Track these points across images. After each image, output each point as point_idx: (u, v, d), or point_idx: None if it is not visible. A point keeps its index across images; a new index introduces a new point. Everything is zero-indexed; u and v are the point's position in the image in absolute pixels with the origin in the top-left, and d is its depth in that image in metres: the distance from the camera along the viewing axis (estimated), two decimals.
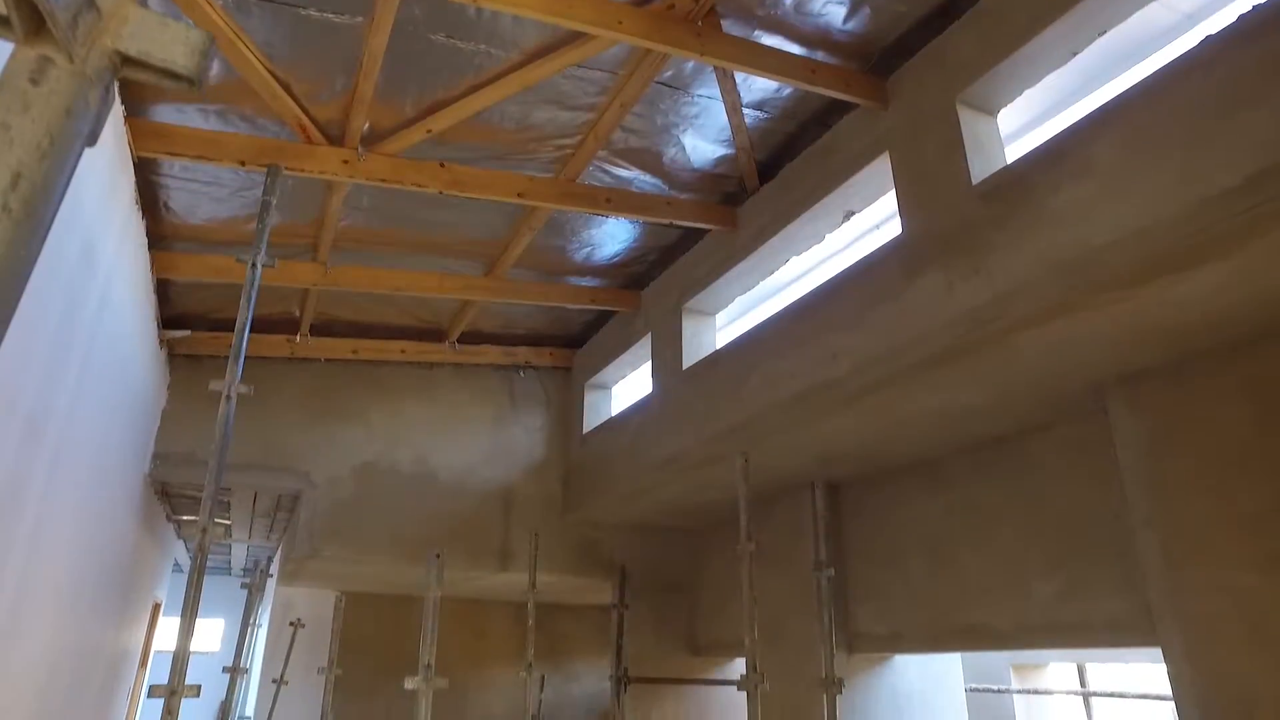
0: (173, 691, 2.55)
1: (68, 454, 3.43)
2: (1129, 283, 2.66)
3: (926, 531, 4.58)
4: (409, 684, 2.65)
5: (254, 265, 3.00)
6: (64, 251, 2.83)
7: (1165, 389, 3.27)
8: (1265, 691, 2.80)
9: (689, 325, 5.07)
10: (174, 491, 6.50)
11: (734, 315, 5.62)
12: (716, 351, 4.65)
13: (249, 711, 11.26)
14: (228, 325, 5.50)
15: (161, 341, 5.36)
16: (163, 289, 5.05)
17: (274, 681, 7.73)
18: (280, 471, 5.78)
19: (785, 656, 4.85)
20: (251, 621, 7.68)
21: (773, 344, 4.11)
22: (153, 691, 2.53)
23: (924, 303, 3.24)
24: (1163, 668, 3.24)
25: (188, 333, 5.45)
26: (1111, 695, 6.44)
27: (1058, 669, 7.45)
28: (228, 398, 2.86)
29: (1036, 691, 6.74)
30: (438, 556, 2.81)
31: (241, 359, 2.94)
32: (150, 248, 4.48)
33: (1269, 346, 2.99)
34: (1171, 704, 3.27)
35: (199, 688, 2.64)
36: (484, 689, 9.04)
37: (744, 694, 3.46)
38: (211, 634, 14.60)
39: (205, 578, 2.68)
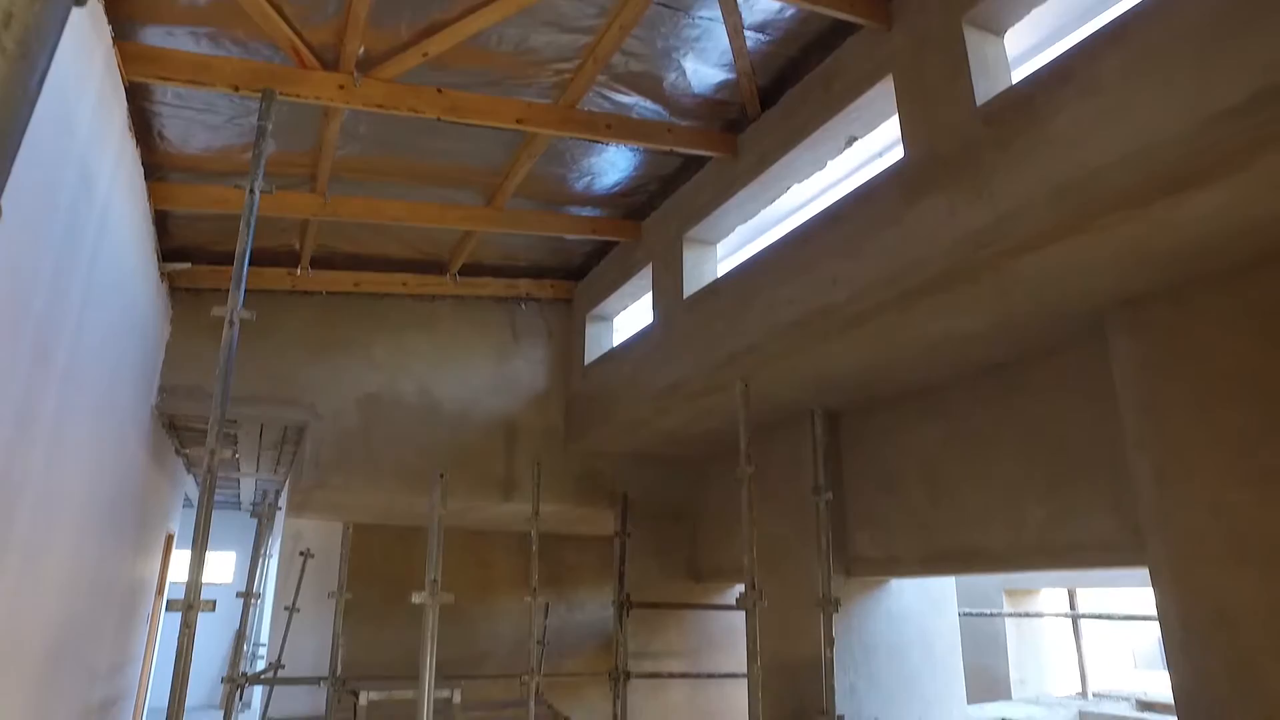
0: (189, 606, 2.64)
1: (77, 379, 3.47)
2: (1131, 203, 2.64)
3: (924, 458, 4.65)
4: (416, 599, 2.74)
5: (252, 190, 2.99)
6: (61, 176, 2.81)
7: (1165, 313, 3.28)
8: (1246, 604, 2.88)
9: (690, 255, 5.06)
10: (181, 424, 6.59)
11: (735, 246, 5.60)
12: (717, 280, 4.65)
13: (264, 639, 11.62)
14: (228, 259, 5.49)
15: (162, 275, 5.36)
16: (161, 222, 5.03)
17: (286, 609, 7.95)
18: (285, 404, 5.85)
19: (784, 581, 4.97)
20: (262, 551, 7.86)
21: (773, 272, 4.11)
22: (170, 605, 2.61)
23: (925, 227, 3.23)
24: (1148, 592, 3.33)
25: (188, 265, 5.45)
26: (1099, 617, 6.63)
27: (1049, 594, 7.66)
28: (230, 323, 2.88)
29: (1028, 615, 6.93)
30: (441, 476, 2.87)
31: (243, 285, 2.96)
32: (146, 178, 4.45)
33: (1270, 270, 2.99)
34: (1156, 624, 3.37)
35: (214, 602, 2.73)
36: (491, 617, 9.30)
37: (744, 617, 3.57)
38: (224, 566, 14.96)
39: (216, 513, 2.74)
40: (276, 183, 4.62)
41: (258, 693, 10.46)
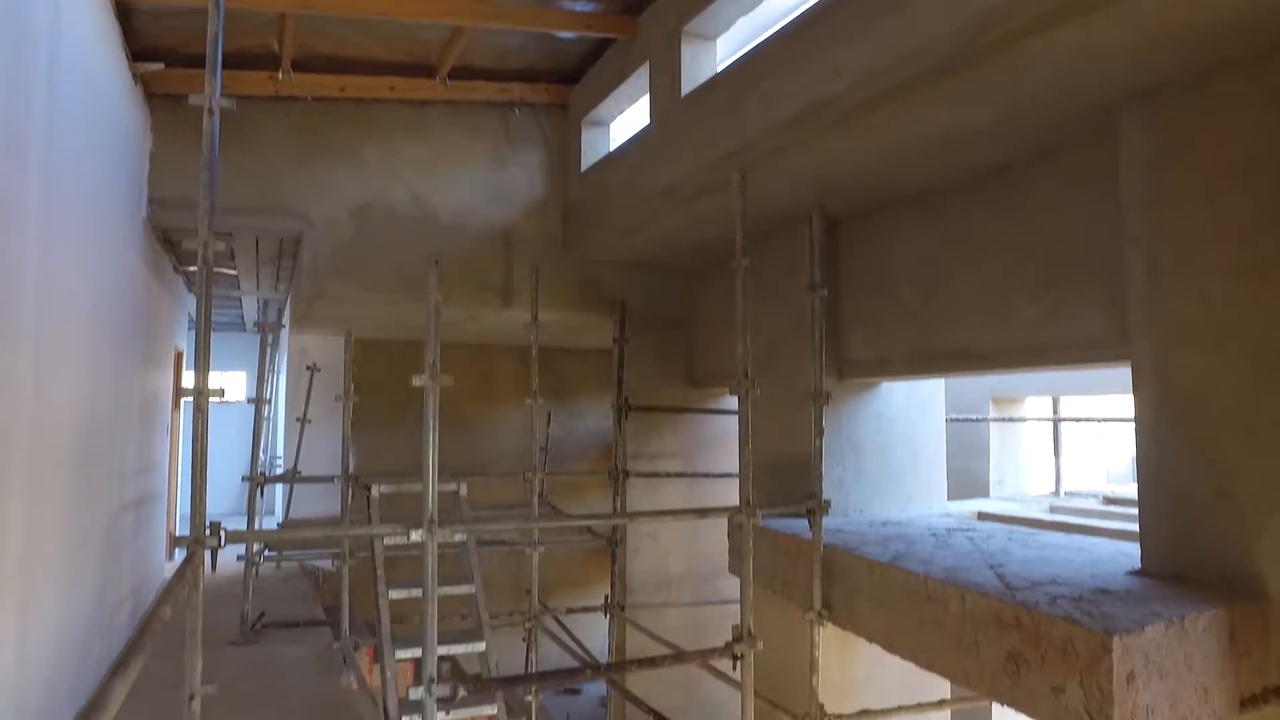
0: (199, 393, 2.73)
1: (58, 180, 3.41)
2: None
3: (919, 262, 4.65)
4: (416, 381, 2.82)
5: None
6: None
7: (1181, 103, 3.16)
8: (1217, 387, 2.97)
9: (688, 50, 4.82)
10: (175, 239, 6.55)
11: (735, 47, 5.31)
12: (715, 76, 4.45)
13: (280, 452, 12.17)
14: (202, 61, 5.22)
15: (135, 77, 5.13)
16: (126, 18, 4.74)
17: (298, 420, 8.27)
18: (277, 214, 5.78)
19: (778, 382, 5.12)
20: (269, 356, 8.05)
21: (772, 64, 3.92)
22: (181, 393, 2.70)
23: (931, 7, 3.04)
24: (1127, 398, 3.42)
25: (160, 66, 5.20)
26: (1079, 420, 6.89)
27: (1034, 402, 7.93)
28: (210, 111, 2.78)
29: (1011, 419, 7.20)
30: (436, 263, 2.88)
31: (219, 71, 2.83)
32: None
33: None
34: (1129, 443, 3.49)
35: (223, 390, 2.82)
36: (494, 428, 9.70)
37: (737, 421, 3.69)
38: (235, 385, 15.35)
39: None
40: None
41: (278, 501, 11.10)
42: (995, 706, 7.39)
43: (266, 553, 6.80)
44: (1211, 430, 2.98)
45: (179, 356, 8.69)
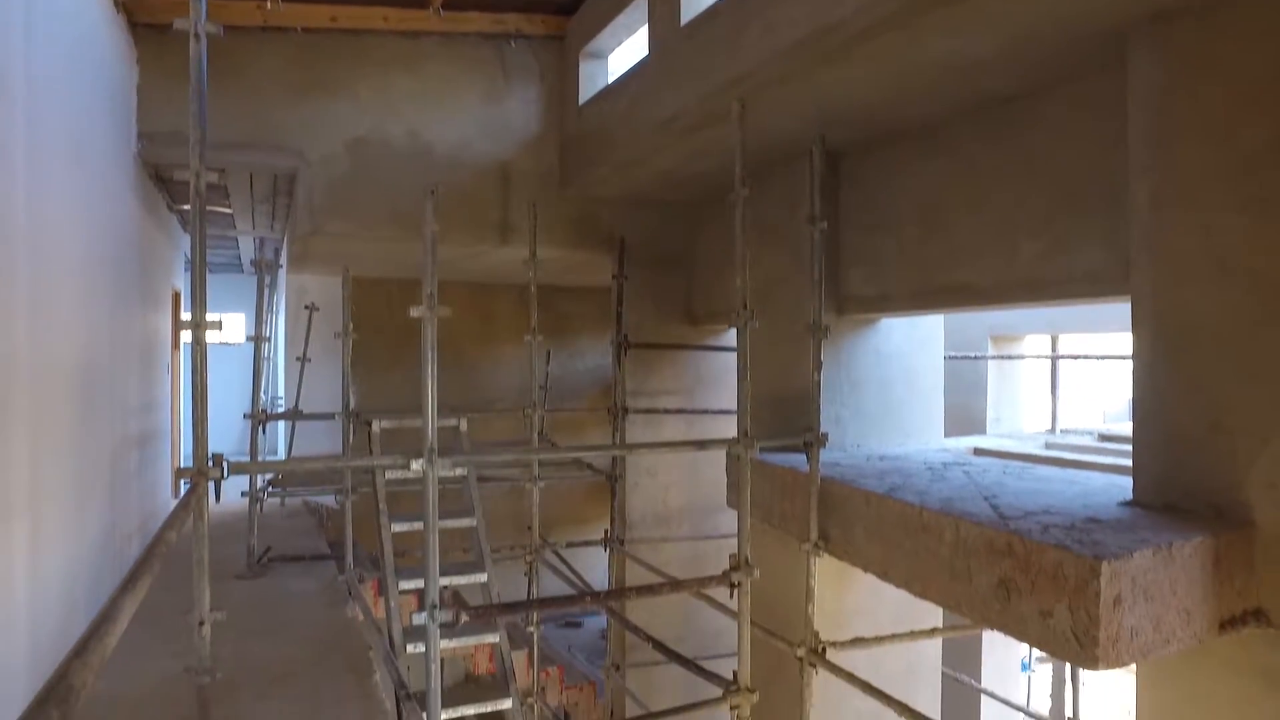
0: (197, 324, 2.73)
1: (41, 113, 3.35)
2: None
3: (920, 196, 4.61)
4: (414, 312, 2.82)
5: None
6: None
7: (1193, 30, 3.07)
8: (1216, 321, 2.96)
9: None
10: (168, 176, 6.47)
11: None
12: (715, 4, 4.34)
13: (281, 392, 12.23)
14: None
15: (117, 4, 4.99)
16: None
17: (297, 360, 8.29)
18: (271, 149, 5.69)
19: (777, 318, 5.10)
20: (267, 299, 8.03)
21: None
22: (180, 327, 2.70)
23: None
24: (1126, 337, 3.42)
25: None
26: (1077, 357, 6.91)
27: (1033, 340, 7.94)
28: (196, 36, 2.71)
29: (1010, 357, 7.21)
30: (433, 193, 2.84)
31: None
32: None
33: None
34: (1128, 364, 3.49)
35: (220, 321, 2.82)
36: (494, 367, 9.74)
37: (736, 359, 3.68)
38: (234, 327, 15.37)
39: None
40: None
41: (280, 442, 11.21)
42: (985, 636, 7.60)
43: (270, 490, 6.89)
44: (1208, 364, 2.99)
45: (177, 297, 8.66)
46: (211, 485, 2.87)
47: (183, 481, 3.06)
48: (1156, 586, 2.62)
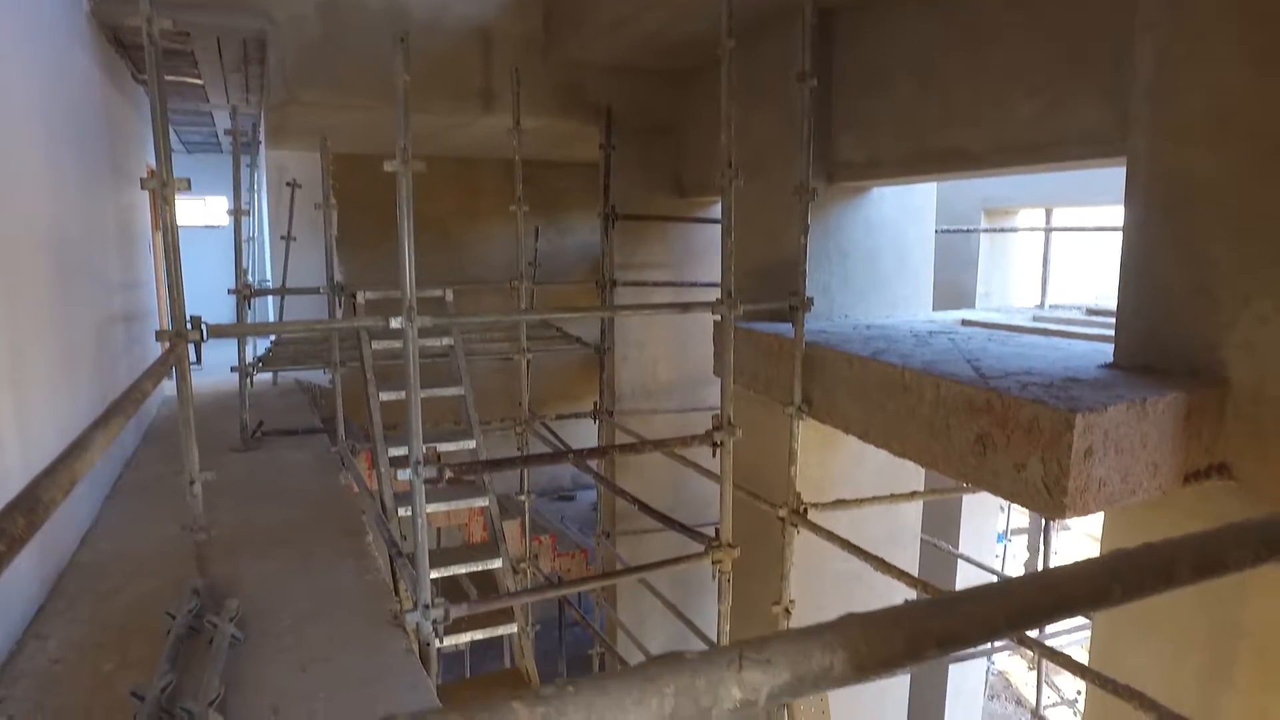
0: (163, 183, 2.66)
1: None
2: None
3: (916, 56, 4.42)
4: (388, 166, 2.74)
5: None
6: None
7: None
8: (1211, 181, 2.91)
9: None
10: (128, 41, 6.15)
11: None
12: None
13: (268, 275, 12.11)
14: None
15: None
16: None
17: (282, 238, 8.17)
18: (234, 9, 5.38)
19: (766, 187, 4.99)
20: (250, 178, 7.81)
21: None
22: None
23: None
24: (1120, 210, 3.36)
25: None
26: (1070, 230, 6.85)
27: (1027, 215, 7.84)
28: None
29: (1002, 229, 7.14)
30: (402, 40, 2.71)
31: None
32: None
33: None
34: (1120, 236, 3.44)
35: (189, 181, 2.74)
36: (482, 245, 9.62)
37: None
38: (216, 210, 15.07)
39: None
40: None
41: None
42: (963, 507, 7.87)
43: (261, 368, 6.92)
44: (1200, 224, 2.95)
45: (152, 175, 8.42)
46: (192, 349, 2.86)
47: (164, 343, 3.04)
48: (1128, 440, 2.67)
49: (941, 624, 0.64)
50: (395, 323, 2.81)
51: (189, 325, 2.78)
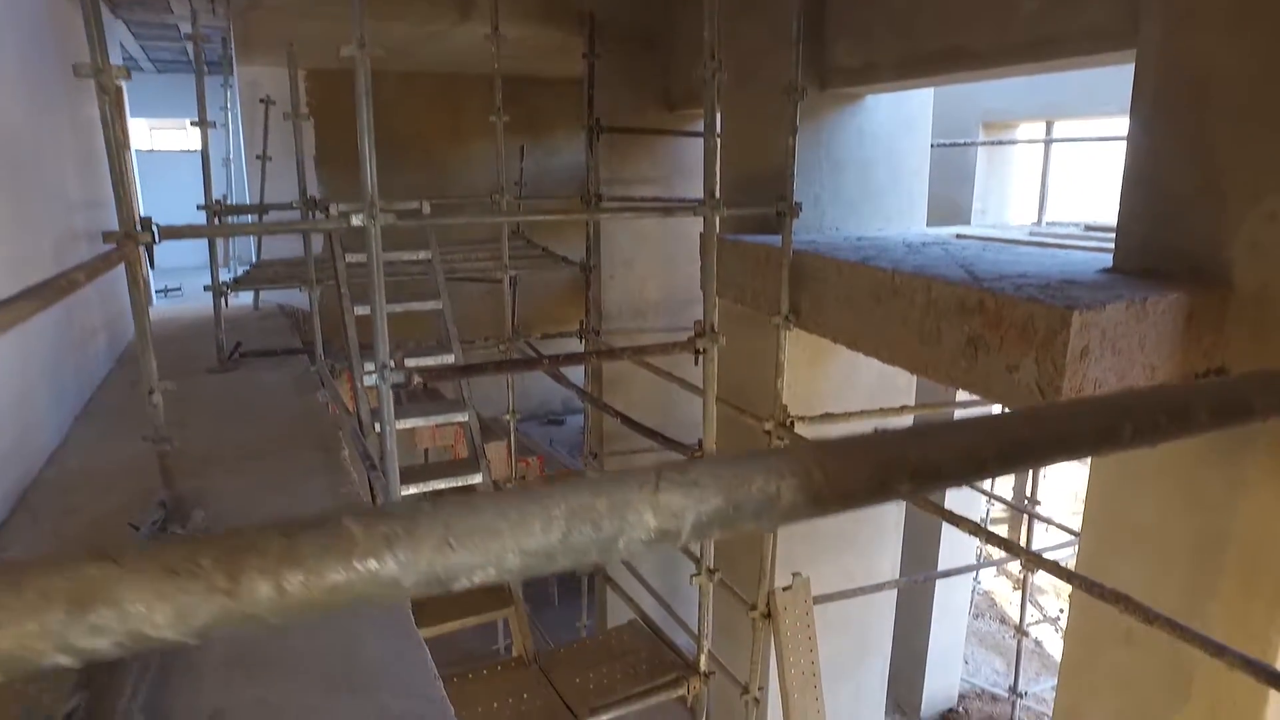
0: (98, 69, 2.46)
1: None
2: None
3: None
4: (344, 51, 2.55)
5: None
6: None
7: None
8: (1225, 74, 2.75)
9: None
10: None
11: None
12: None
13: (246, 197, 11.79)
14: None
15: None
16: None
17: (257, 158, 7.88)
18: None
19: (755, 96, 4.76)
20: (223, 96, 7.46)
21: None
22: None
23: None
24: (1124, 121, 3.19)
25: None
26: (1071, 140, 6.63)
27: (1027, 128, 7.58)
28: None
29: (1001, 142, 6.91)
30: None
31: None
32: None
33: None
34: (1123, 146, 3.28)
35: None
36: (465, 165, 9.33)
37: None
38: (192, 135, 14.63)
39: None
40: None
41: (251, 250, 10.92)
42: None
43: (239, 289, 6.74)
44: (1210, 120, 2.79)
45: (119, 93, 8.07)
46: (144, 251, 2.71)
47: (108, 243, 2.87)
48: (1125, 340, 2.57)
49: (919, 452, 0.52)
50: (357, 220, 2.65)
51: (139, 227, 2.62)
